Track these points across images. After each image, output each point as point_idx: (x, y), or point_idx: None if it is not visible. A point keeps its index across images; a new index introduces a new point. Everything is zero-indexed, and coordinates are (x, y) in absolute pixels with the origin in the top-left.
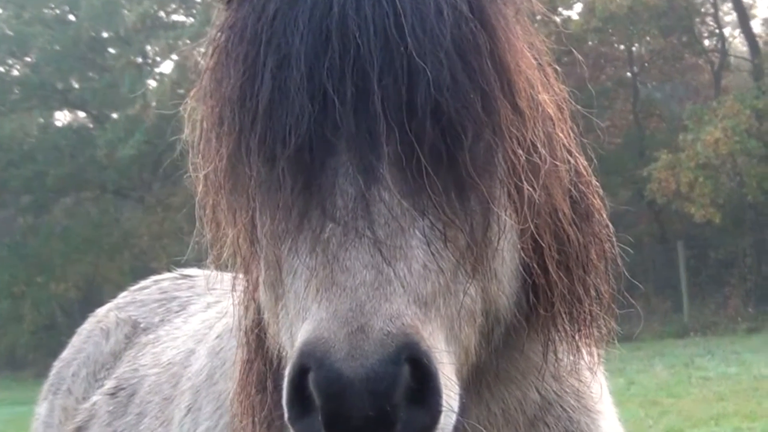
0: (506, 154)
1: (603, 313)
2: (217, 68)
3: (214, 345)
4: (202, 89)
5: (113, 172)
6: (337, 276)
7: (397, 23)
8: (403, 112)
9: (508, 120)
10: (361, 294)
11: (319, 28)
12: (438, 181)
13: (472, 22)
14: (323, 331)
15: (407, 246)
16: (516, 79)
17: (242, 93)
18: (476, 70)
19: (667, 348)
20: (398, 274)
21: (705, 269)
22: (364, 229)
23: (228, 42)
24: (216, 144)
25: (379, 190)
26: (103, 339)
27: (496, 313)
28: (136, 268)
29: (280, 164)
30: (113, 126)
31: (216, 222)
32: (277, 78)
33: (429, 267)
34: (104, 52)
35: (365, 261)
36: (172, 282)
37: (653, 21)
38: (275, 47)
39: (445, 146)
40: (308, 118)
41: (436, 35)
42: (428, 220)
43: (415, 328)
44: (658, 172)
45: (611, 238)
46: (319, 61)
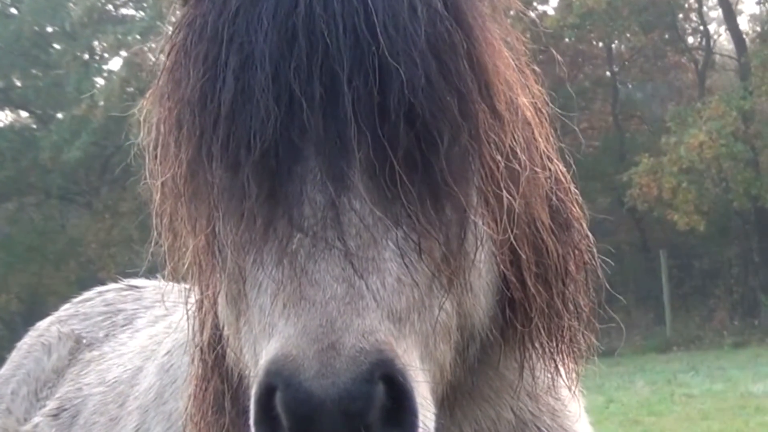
0: (484, 160)
1: (582, 328)
2: (175, 68)
3: (163, 362)
4: (158, 90)
5: (58, 176)
6: (306, 290)
7: (368, 21)
8: (375, 116)
9: (486, 124)
10: (332, 309)
11: (284, 25)
12: (412, 189)
13: (447, 20)
14: (291, 348)
15: (380, 258)
16: (494, 80)
17: (203, 95)
18: (452, 71)
19: (648, 363)
20: (371, 288)
21: (689, 280)
22: (334, 239)
23: (187, 40)
24: (174, 149)
25: (350, 199)
26: (45, 355)
27: (472, 329)
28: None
29: (244, 171)
30: (58, 127)
31: (173, 231)
32: (241, 79)
33: (403, 280)
34: (48, 48)
35: (336, 274)
36: (117, 294)
37: (634, 17)
38: (238, 46)
39: (419, 152)
40: (274, 122)
41: (410, 34)
42: (402, 231)
43: (389, 344)
44: (639, 177)
45: (591, 249)
46: (284, 60)
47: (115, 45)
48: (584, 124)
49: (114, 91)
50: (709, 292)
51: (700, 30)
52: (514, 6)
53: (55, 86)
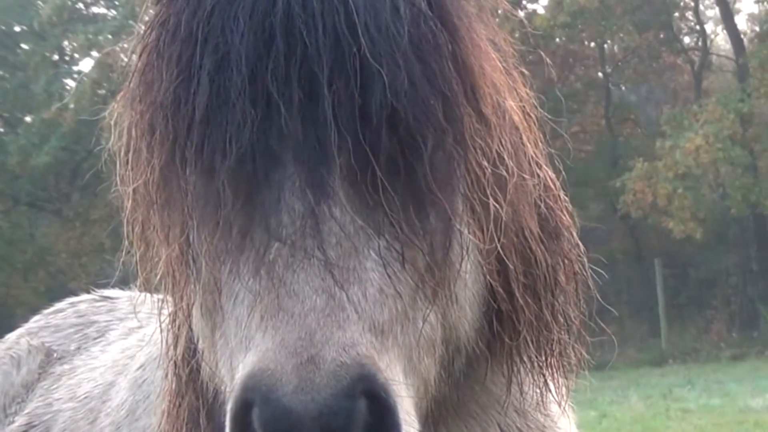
0: (470, 166)
1: (573, 341)
2: (147, 70)
3: (136, 377)
4: (130, 93)
5: (27, 182)
6: (284, 301)
7: (349, 21)
8: (356, 120)
9: (472, 128)
10: (311, 321)
11: (261, 25)
12: (395, 196)
13: (431, 20)
14: (269, 362)
15: (361, 268)
16: (480, 83)
17: (176, 98)
18: (436, 74)
19: (643, 377)
20: (352, 299)
21: (685, 290)
22: (314, 249)
23: (159, 40)
24: (147, 154)
25: (330, 207)
26: (14, 369)
27: (457, 342)
28: (53, 288)
29: (219, 177)
30: (26, 131)
31: (145, 240)
32: (216, 81)
33: (385, 291)
34: (16, 48)
35: (315, 285)
36: (90, 305)
37: (627, 16)
38: (213, 47)
39: (402, 157)
40: (251, 126)
41: (392, 34)
42: (384, 240)
43: (371, 358)
44: (632, 182)
45: (582, 259)
46: (261, 62)
47: (86, 45)
48: (576, 127)
49: (85, 94)
50: (706, 303)
51: (696, 30)
52: (502, 5)
53: (23, 88)
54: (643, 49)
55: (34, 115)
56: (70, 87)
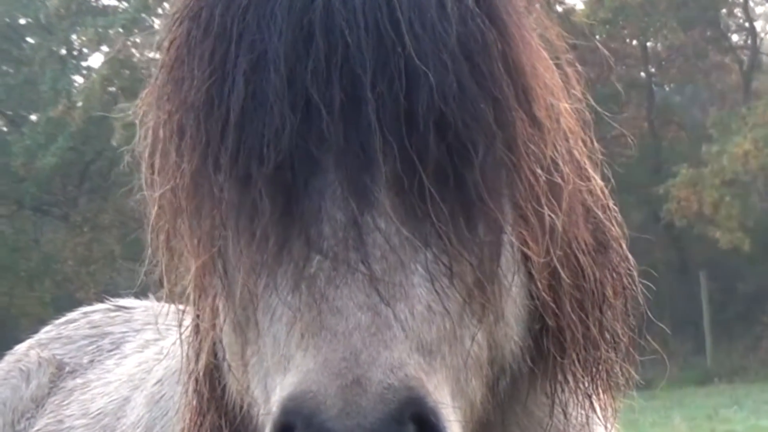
0: (523, 174)
1: (620, 360)
2: (176, 66)
3: (153, 392)
4: (156, 90)
5: (32, 185)
6: (327, 319)
7: (392, 18)
8: (401, 125)
9: (524, 133)
10: (356, 340)
11: (299, 22)
12: (443, 206)
13: (479, 17)
14: (311, 383)
15: (408, 283)
16: (532, 84)
17: (209, 98)
18: (486, 75)
19: (687, 397)
20: (398, 317)
21: (732, 305)
22: (357, 262)
23: (189, 35)
24: (176, 158)
25: (375, 217)
26: (23, 382)
27: (502, 362)
28: (59, 298)
29: (256, 185)
30: (32, 130)
31: (171, 250)
32: (252, 82)
33: (433, 308)
34: (21, 42)
35: (360, 301)
36: (104, 315)
37: (672, 12)
38: (248, 45)
39: (451, 165)
40: (290, 130)
41: (439, 33)
42: (431, 253)
43: (419, 380)
44: (677, 189)
45: (631, 272)
46: (300, 62)
47: (96, 39)
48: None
49: (94, 91)
50: (754, 318)
51: (745, 27)
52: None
53: (29, 85)
54: (689, 48)
55: (39, 113)
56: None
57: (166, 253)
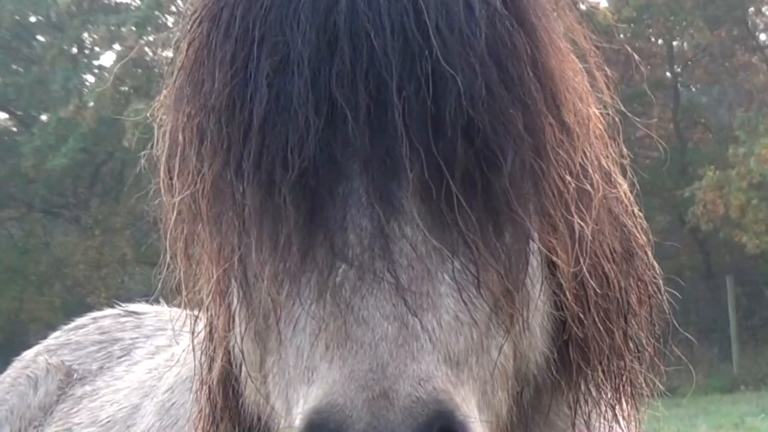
0: (552, 181)
1: (644, 369)
2: (196, 68)
3: (163, 400)
4: (174, 92)
5: (42, 187)
6: (353, 329)
7: (419, 20)
8: (428, 130)
9: (553, 139)
10: (383, 351)
11: (323, 24)
12: (471, 214)
13: (507, 19)
14: (337, 396)
15: (435, 293)
16: (561, 89)
17: (230, 102)
18: (515, 79)
19: (712, 404)
20: (426, 328)
21: (759, 310)
22: (384, 271)
23: (210, 36)
24: (196, 162)
25: (401, 225)
26: (31, 389)
27: (527, 372)
28: (70, 303)
29: (280, 191)
30: (42, 130)
31: (189, 257)
32: (275, 85)
33: (461, 318)
34: (31, 41)
35: (386, 311)
36: (114, 320)
37: (698, 11)
38: (271, 47)
39: (479, 172)
40: (314, 135)
41: (467, 36)
42: (459, 261)
43: (447, 393)
44: (703, 193)
45: (657, 281)
46: (325, 65)
47: (108, 37)
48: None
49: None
50: None
51: None
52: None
53: (39, 84)
54: (715, 47)
55: (50, 113)
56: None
57: (184, 259)
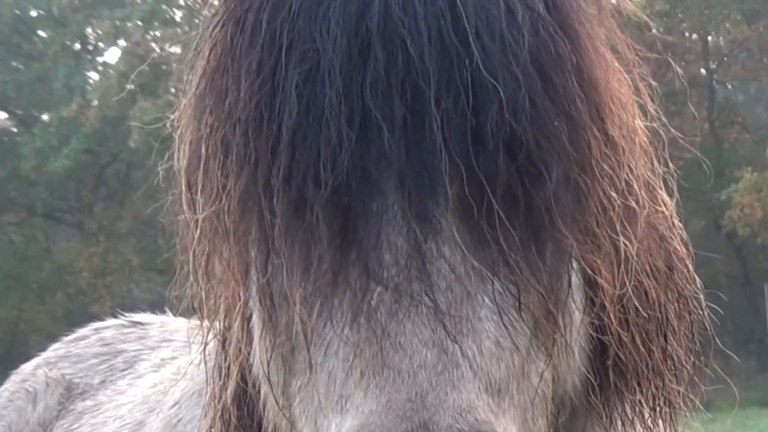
0: (597, 198)
1: (683, 389)
2: (218, 76)
3: (170, 415)
4: (196, 100)
5: (43, 190)
6: (389, 356)
7: (457, 26)
8: (468, 143)
9: (599, 154)
10: (422, 380)
11: (355, 30)
12: (514, 233)
13: (551, 25)
14: (374, 427)
15: (475, 317)
16: (606, 100)
17: (257, 113)
18: (560, 90)
19: (750, 419)
20: (466, 354)
21: None
22: (421, 294)
23: (233, 42)
24: (221, 177)
25: (439, 244)
26: (30, 404)
27: (563, 396)
28: (72, 312)
29: (312, 208)
30: (43, 131)
31: (209, 274)
32: (305, 96)
33: (502, 344)
34: (32, 36)
35: (425, 337)
36: (117, 331)
37: (734, 4)
38: (300, 55)
39: (521, 188)
40: (348, 149)
41: (509, 43)
42: (499, 283)
43: (489, 424)
44: (740, 195)
45: (698, 296)
46: (357, 73)
47: (112, 33)
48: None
49: (110, 88)
50: None
51: None
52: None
53: (40, 82)
54: (753, 42)
55: (52, 113)
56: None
57: (204, 277)
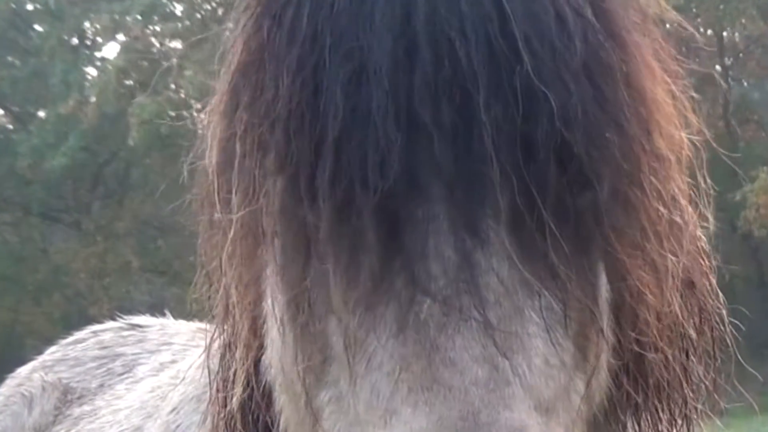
0: (646, 212)
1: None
2: (253, 71)
3: (168, 421)
4: (228, 96)
5: (39, 189)
6: (439, 371)
7: (505, 31)
8: (518, 152)
9: (647, 167)
10: (474, 397)
11: (400, 28)
12: (564, 246)
13: (600, 33)
14: None
15: (524, 333)
16: (653, 111)
17: (300, 113)
18: (610, 100)
19: (765, 426)
20: (517, 372)
21: None
22: (471, 308)
23: (270, 37)
24: (259, 178)
25: (488, 256)
26: (25, 409)
27: (589, 413)
28: (69, 314)
29: (361, 214)
30: (40, 128)
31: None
32: (352, 96)
33: (550, 361)
34: (28, 31)
35: (475, 353)
36: (115, 334)
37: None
38: (345, 53)
39: (572, 200)
40: (398, 153)
41: (559, 50)
42: (546, 298)
43: None
44: (755, 196)
45: (720, 311)
46: (405, 75)
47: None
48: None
49: (109, 85)
50: None
51: None
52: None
53: (36, 77)
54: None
55: (48, 109)
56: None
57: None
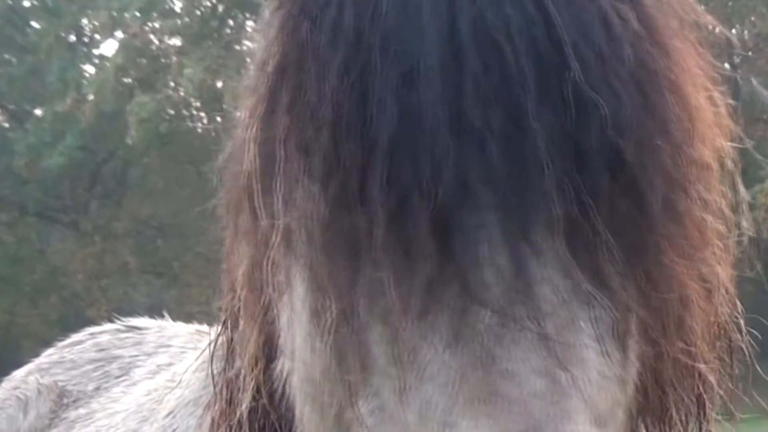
0: (694, 222)
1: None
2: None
3: (164, 425)
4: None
5: (36, 188)
6: (498, 383)
7: (552, 35)
8: (571, 160)
9: (695, 176)
10: (534, 409)
11: (448, 32)
12: (618, 256)
13: (646, 39)
14: None
15: (580, 344)
16: (698, 119)
17: (349, 116)
18: (658, 107)
19: None
20: (576, 384)
21: None
22: (526, 318)
23: (311, 38)
24: (308, 183)
25: (543, 265)
26: (20, 412)
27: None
28: (67, 316)
29: (417, 222)
30: (36, 126)
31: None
32: (405, 100)
33: (605, 373)
34: (25, 27)
35: (534, 364)
36: (113, 336)
37: None
38: (394, 55)
39: (625, 210)
40: (453, 160)
41: (608, 56)
42: (599, 309)
43: None
44: (764, 196)
45: (737, 321)
46: (455, 79)
47: (109, 24)
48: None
49: (107, 82)
50: None
51: None
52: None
53: (33, 75)
54: None
55: (45, 107)
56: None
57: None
